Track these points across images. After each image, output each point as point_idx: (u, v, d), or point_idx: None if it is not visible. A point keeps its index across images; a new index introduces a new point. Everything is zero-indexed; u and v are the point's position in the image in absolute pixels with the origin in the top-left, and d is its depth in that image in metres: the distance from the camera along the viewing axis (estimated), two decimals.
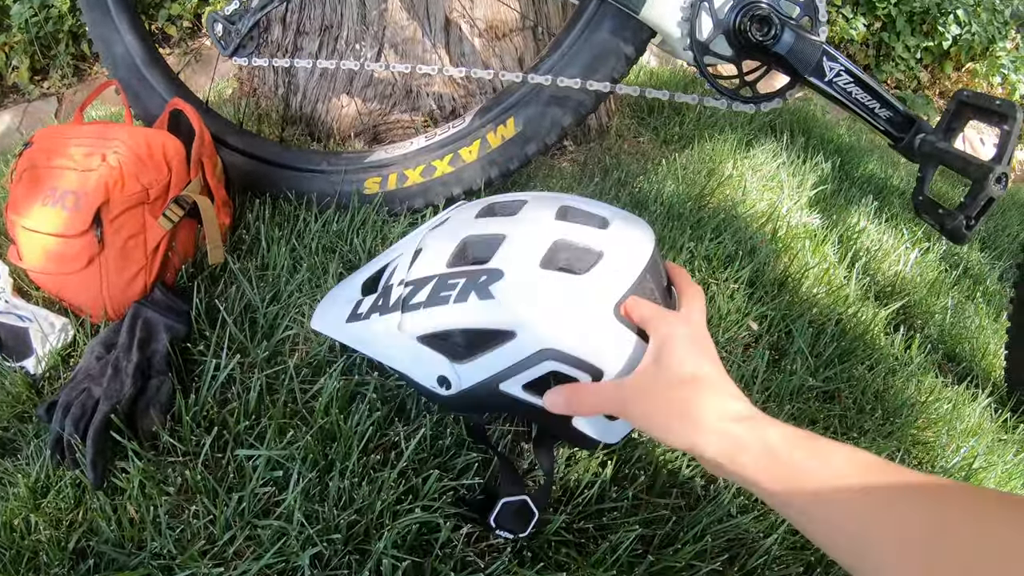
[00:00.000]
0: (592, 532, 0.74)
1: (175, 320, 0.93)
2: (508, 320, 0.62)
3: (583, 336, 0.62)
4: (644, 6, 0.94)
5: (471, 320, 0.64)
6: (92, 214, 0.94)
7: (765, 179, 1.48)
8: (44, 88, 3.17)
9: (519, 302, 0.62)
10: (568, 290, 0.61)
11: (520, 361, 0.63)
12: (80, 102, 1.92)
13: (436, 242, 0.70)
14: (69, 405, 0.81)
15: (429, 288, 0.66)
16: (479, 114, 1.04)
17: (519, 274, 0.63)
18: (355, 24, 1.31)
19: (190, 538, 0.71)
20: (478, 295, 0.63)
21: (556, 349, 0.62)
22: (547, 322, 0.61)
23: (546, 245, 0.64)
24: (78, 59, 3.19)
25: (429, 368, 0.68)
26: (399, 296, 0.68)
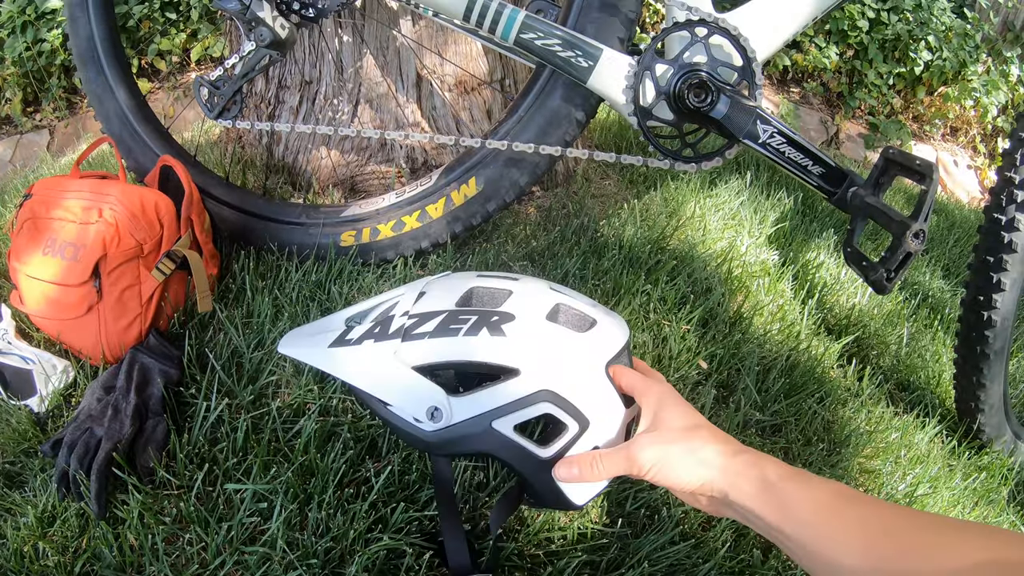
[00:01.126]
0: (542, 558, 0.81)
1: (168, 365, 1.00)
2: (515, 358, 0.67)
3: (578, 386, 0.67)
4: (591, 76, 1.02)
5: (479, 354, 0.67)
6: (92, 266, 1.02)
7: (726, 218, 1.55)
8: (36, 120, 3.24)
9: (528, 343, 0.67)
10: (570, 342, 0.68)
11: (519, 399, 0.66)
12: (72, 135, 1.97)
13: (441, 289, 0.74)
14: (74, 443, 0.88)
15: (437, 321, 0.69)
16: (444, 173, 1.12)
17: (529, 320, 0.68)
18: (333, 80, 1.39)
19: (184, 563, 0.79)
20: (490, 331, 0.67)
21: (555, 392, 0.66)
22: (551, 365, 0.67)
23: (549, 305, 0.70)
24: (70, 92, 3.27)
25: (420, 399, 0.69)
26: (401, 326, 0.70)
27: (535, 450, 0.69)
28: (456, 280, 0.76)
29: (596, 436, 0.69)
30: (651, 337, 1.13)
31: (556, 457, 0.68)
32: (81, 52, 1.27)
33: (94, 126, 3.18)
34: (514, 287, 0.73)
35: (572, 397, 0.67)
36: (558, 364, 0.67)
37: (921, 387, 1.40)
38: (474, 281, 0.74)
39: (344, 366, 0.72)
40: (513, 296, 0.71)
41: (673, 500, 0.91)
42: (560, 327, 0.69)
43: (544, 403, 0.67)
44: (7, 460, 0.95)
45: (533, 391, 0.66)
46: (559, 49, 1.00)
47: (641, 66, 1.01)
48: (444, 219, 1.12)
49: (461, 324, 0.69)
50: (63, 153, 2.94)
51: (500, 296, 0.71)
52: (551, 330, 0.68)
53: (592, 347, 0.69)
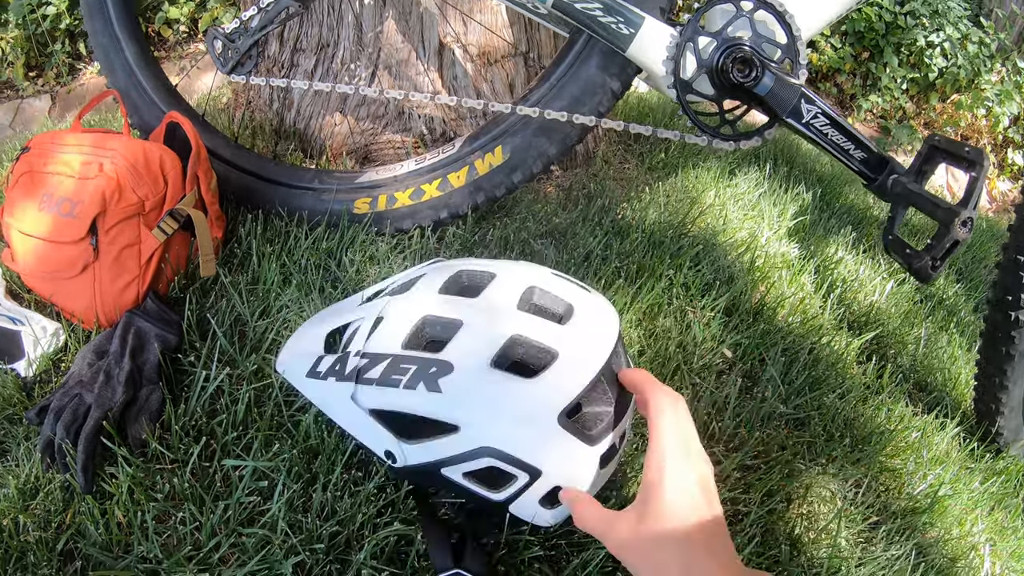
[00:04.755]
0: (564, 548, 0.77)
1: (167, 330, 0.95)
2: (451, 416, 0.66)
3: (523, 440, 0.65)
4: (631, 44, 0.97)
5: (418, 408, 0.67)
6: (89, 223, 0.96)
7: (746, 208, 1.51)
8: (38, 85, 3.18)
9: (464, 401, 0.65)
10: (514, 396, 0.64)
11: (461, 453, 0.66)
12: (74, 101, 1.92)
13: (397, 315, 0.72)
14: (61, 410, 0.82)
15: (383, 367, 0.69)
16: (468, 141, 1.07)
17: (468, 372, 0.65)
18: (351, 44, 1.34)
19: (176, 543, 0.73)
20: (426, 386, 0.66)
21: (496, 448, 0.65)
22: (488, 424, 0.65)
23: (501, 341, 0.66)
24: (74, 58, 3.21)
25: (378, 440, 0.72)
26: (354, 367, 0.71)
27: (487, 494, 0.69)
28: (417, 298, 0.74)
29: (553, 480, 0.67)
30: (674, 323, 1.09)
31: (510, 499, 0.68)
32: (88, 2, 1.21)
33: (96, 91, 3.12)
34: (468, 315, 0.69)
35: (516, 451, 0.65)
36: (498, 422, 0.65)
37: (939, 388, 1.37)
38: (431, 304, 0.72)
39: (319, 400, 0.76)
40: (462, 331, 0.68)
41: None
42: (503, 377, 0.65)
43: (486, 457, 0.65)
44: None
45: (473, 448, 0.65)
46: (600, 14, 0.95)
47: (683, 37, 0.97)
48: (466, 188, 1.07)
49: (401, 375, 0.68)
50: (64, 119, 2.87)
51: (450, 329, 0.69)
52: (492, 381, 0.65)
53: (541, 396, 0.65)
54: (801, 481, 0.97)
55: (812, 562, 0.88)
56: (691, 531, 0.55)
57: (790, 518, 0.92)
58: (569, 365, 0.65)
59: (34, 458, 0.81)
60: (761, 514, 0.88)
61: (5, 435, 0.87)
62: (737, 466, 0.92)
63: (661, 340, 1.04)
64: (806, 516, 0.94)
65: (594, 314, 0.71)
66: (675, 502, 0.56)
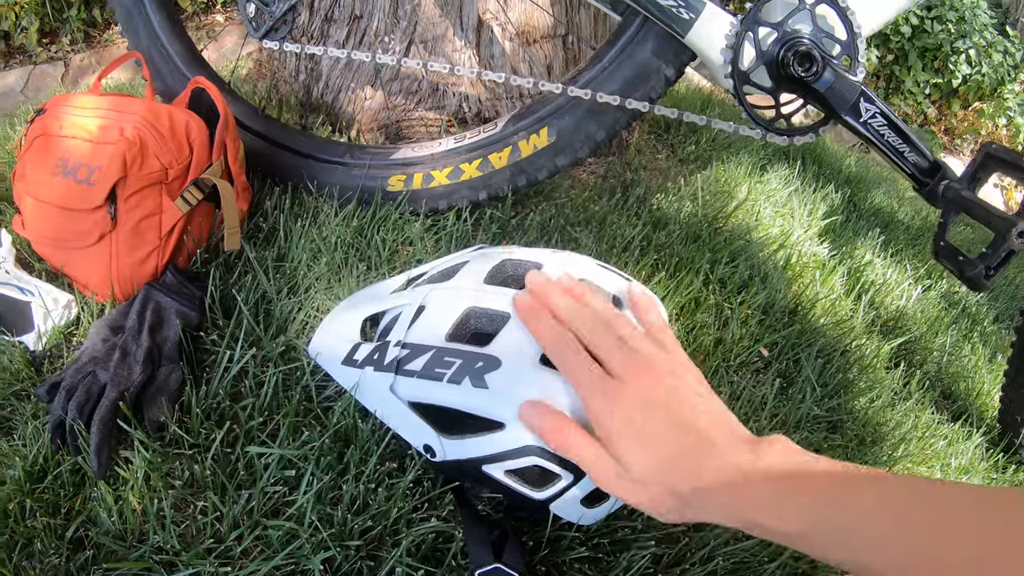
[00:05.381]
0: (607, 547, 0.75)
1: (187, 306, 0.90)
2: (497, 413, 0.64)
3: None
4: (690, 30, 0.94)
5: (462, 403, 0.65)
6: (108, 190, 0.91)
7: (777, 206, 1.49)
8: (51, 52, 3.12)
9: (511, 398, 0.63)
10: (562, 394, 0.62)
11: (505, 451, 0.64)
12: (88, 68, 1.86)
13: (440, 305, 0.70)
14: (73, 388, 0.78)
15: (425, 359, 0.67)
16: (512, 120, 1.04)
17: (516, 368, 0.63)
18: (386, 16, 1.30)
19: (195, 534, 0.70)
20: (472, 381, 0.64)
21: (542, 448, 0.63)
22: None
23: None
24: (88, 25, 3.15)
25: (417, 433, 0.69)
26: (394, 357, 0.69)
27: (529, 492, 0.67)
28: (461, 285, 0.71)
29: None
30: (711, 318, 1.07)
31: (551, 499, 0.67)
32: None
33: (111, 59, 3.05)
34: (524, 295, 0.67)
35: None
36: None
37: (963, 397, 1.36)
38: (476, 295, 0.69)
39: (355, 389, 0.74)
40: (509, 325, 0.65)
41: None
42: (551, 374, 0.63)
43: (532, 456, 0.63)
44: None
45: (518, 446, 0.63)
46: None
47: (744, 26, 0.94)
48: (508, 170, 1.04)
49: (445, 368, 0.65)
50: (78, 85, 2.82)
51: (496, 321, 0.67)
52: (541, 378, 0.63)
53: None
54: None
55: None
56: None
57: None
58: None
59: (43, 438, 0.76)
60: None
61: (12, 412, 0.82)
62: None
63: (700, 336, 1.02)
64: None
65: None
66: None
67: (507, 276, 0.73)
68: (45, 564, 0.68)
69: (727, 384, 0.98)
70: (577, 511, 0.68)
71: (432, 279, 0.77)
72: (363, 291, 0.89)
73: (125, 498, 0.71)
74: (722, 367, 0.99)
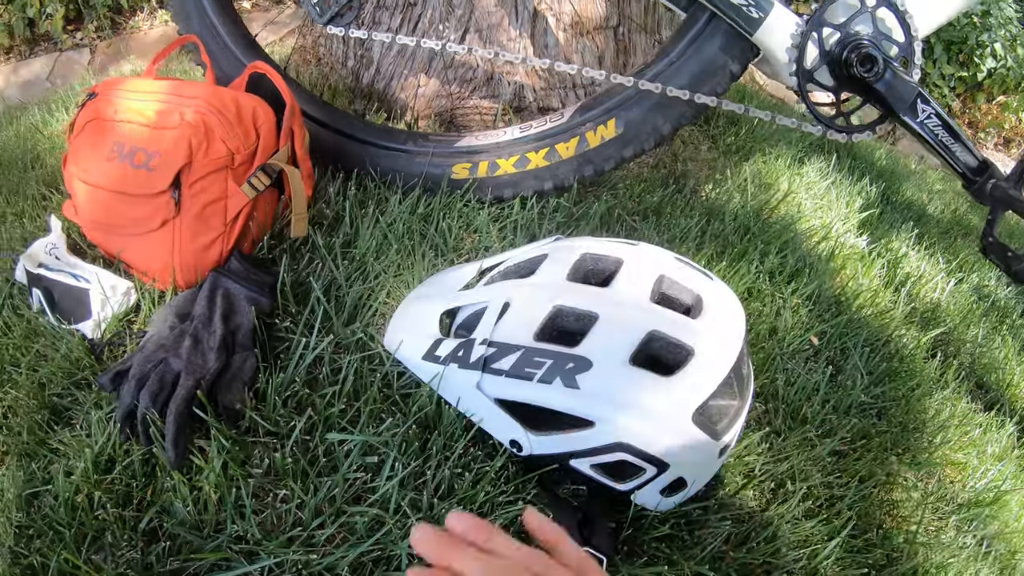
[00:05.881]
0: (683, 526, 0.78)
1: (257, 292, 0.89)
2: (589, 412, 0.67)
3: (658, 437, 0.66)
4: (759, 29, 0.97)
5: (553, 402, 0.68)
6: (172, 175, 0.90)
7: (816, 198, 1.52)
8: (77, 39, 3.12)
9: (602, 398, 0.66)
10: (652, 393, 0.65)
11: (593, 447, 0.68)
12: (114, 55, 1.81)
13: (525, 302, 0.72)
14: (144, 377, 0.77)
15: (514, 358, 0.69)
16: (579, 111, 1.07)
17: (607, 369, 0.66)
18: (441, 4, 1.32)
19: (276, 523, 0.70)
20: (563, 381, 0.67)
21: (630, 445, 0.66)
22: (626, 422, 0.66)
23: (638, 337, 0.67)
24: (114, 12, 3.15)
25: (504, 429, 0.72)
26: (480, 355, 0.71)
27: (613, 483, 0.71)
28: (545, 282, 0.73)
29: (678, 472, 0.69)
30: (765, 308, 1.10)
31: (634, 490, 0.71)
32: None
33: (137, 47, 3.04)
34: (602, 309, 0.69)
35: (649, 447, 0.66)
36: (635, 420, 0.66)
37: (995, 387, 1.39)
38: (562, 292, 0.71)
39: (436, 382, 0.76)
40: (598, 326, 0.68)
41: (798, 473, 0.89)
42: (641, 375, 0.66)
43: (619, 452, 0.67)
44: (54, 392, 0.83)
45: (607, 443, 0.67)
46: None
47: (809, 26, 0.97)
48: (574, 160, 1.07)
49: (535, 368, 0.68)
50: (105, 72, 2.81)
51: (584, 322, 0.69)
52: (631, 379, 0.66)
53: (679, 395, 0.66)
54: (884, 469, 0.99)
55: (894, 548, 0.90)
56: None
57: (878, 503, 0.95)
58: (704, 363, 0.67)
59: (108, 428, 0.75)
60: (856, 499, 0.90)
61: (72, 402, 0.82)
62: (830, 451, 0.94)
63: (756, 325, 1.05)
64: (887, 503, 0.97)
65: (724, 309, 0.72)
66: None
67: (588, 271, 0.76)
68: (119, 557, 0.68)
69: (782, 371, 1.02)
70: (656, 499, 0.73)
71: (510, 273, 0.80)
72: (432, 281, 0.91)
73: (201, 487, 0.71)
74: (777, 354, 1.03)
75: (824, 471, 0.92)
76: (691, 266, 0.77)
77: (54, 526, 0.70)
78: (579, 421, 0.67)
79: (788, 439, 0.93)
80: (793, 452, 0.91)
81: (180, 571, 0.68)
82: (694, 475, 0.72)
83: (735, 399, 0.72)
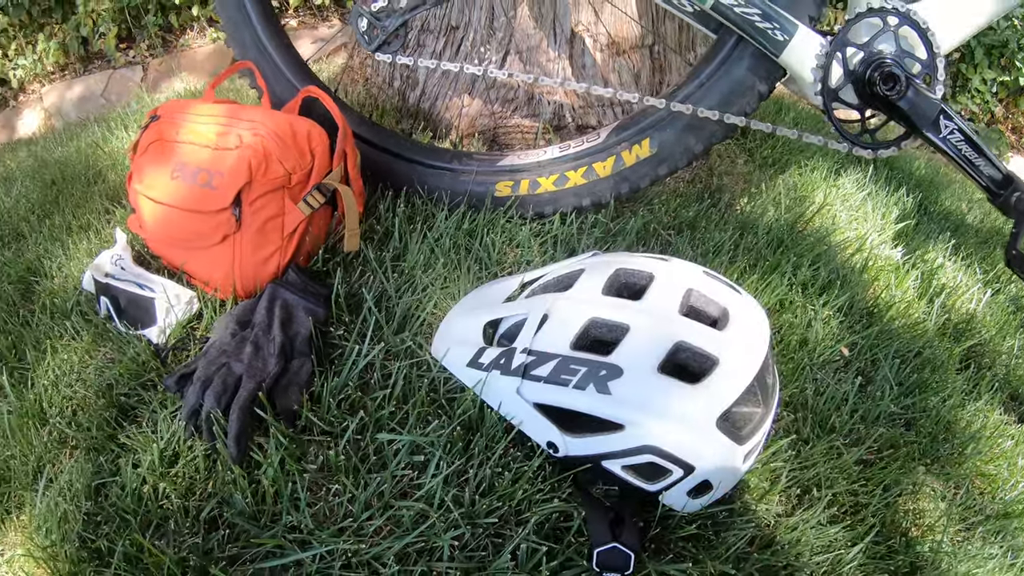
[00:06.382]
0: (709, 527, 0.82)
1: (313, 303, 0.95)
2: (619, 416, 0.72)
3: (684, 440, 0.72)
4: (785, 50, 1.01)
5: (586, 407, 0.74)
6: (233, 194, 0.96)
7: (852, 210, 1.54)
8: (129, 56, 3.23)
9: (632, 403, 0.72)
10: (679, 400, 0.71)
11: (624, 449, 0.73)
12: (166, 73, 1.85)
13: (563, 314, 0.78)
14: (208, 380, 0.83)
15: (551, 366, 0.75)
16: (615, 131, 1.12)
17: (636, 376, 0.72)
18: (483, 28, 1.38)
19: (328, 515, 0.76)
20: (596, 387, 0.73)
21: (658, 447, 0.72)
22: (654, 425, 0.71)
23: (666, 347, 0.72)
24: (165, 31, 3.26)
25: (541, 431, 0.78)
26: (521, 363, 0.77)
27: (642, 484, 0.76)
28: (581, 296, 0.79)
29: (703, 475, 0.74)
30: (796, 319, 1.14)
31: (662, 491, 0.75)
32: None
33: (188, 65, 3.14)
34: (634, 319, 0.74)
35: (676, 449, 0.72)
36: (663, 424, 0.71)
37: None
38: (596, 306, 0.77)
39: (479, 388, 0.82)
40: (629, 336, 0.73)
41: (824, 481, 0.93)
42: (668, 382, 0.71)
43: (648, 454, 0.72)
44: (121, 392, 0.90)
45: (636, 445, 0.72)
46: (758, 20, 1.00)
47: (833, 47, 1.00)
48: (612, 179, 1.12)
49: (571, 375, 0.74)
50: (158, 89, 2.94)
51: (616, 332, 0.75)
52: (659, 386, 0.71)
53: (704, 401, 0.71)
54: (910, 479, 1.02)
55: (918, 556, 0.93)
56: None
57: (903, 512, 0.98)
58: (728, 372, 0.72)
59: (172, 426, 0.82)
60: (880, 507, 0.93)
61: (138, 401, 0.89)
62: (856, 460, 0.97)
63: (787, 336, 1.09)
64: (913, 512, 0.99)
65: (749, 321, 0.77)
66: None
67: (621, 285, 0.81)
68: (180, 543, 0.74)
69: (811, 381, 1.05)
70: (683, 500, 0.77)
71: (549, 286, 0.85)
72: (476, 294, 0.97)
73: (259, 481, 0.78)
74: (807, 365, 1.06)
75: (850, 479, 0.95)
76: (720, 280, 0.81)
77: (120, 513, 0.76)
78: (610, 424, 0.73)
79: (815, 447, 0.96)
80: (820, 460, 0.94)
81: (237, 557, 0.74)
82: (719, 478, 0.76)
83: (759, 406, 0.76)
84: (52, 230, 1.34)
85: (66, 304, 1.10)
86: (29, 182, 1.66)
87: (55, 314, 1.08)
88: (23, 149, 2.21)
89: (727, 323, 0.76)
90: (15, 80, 3.23)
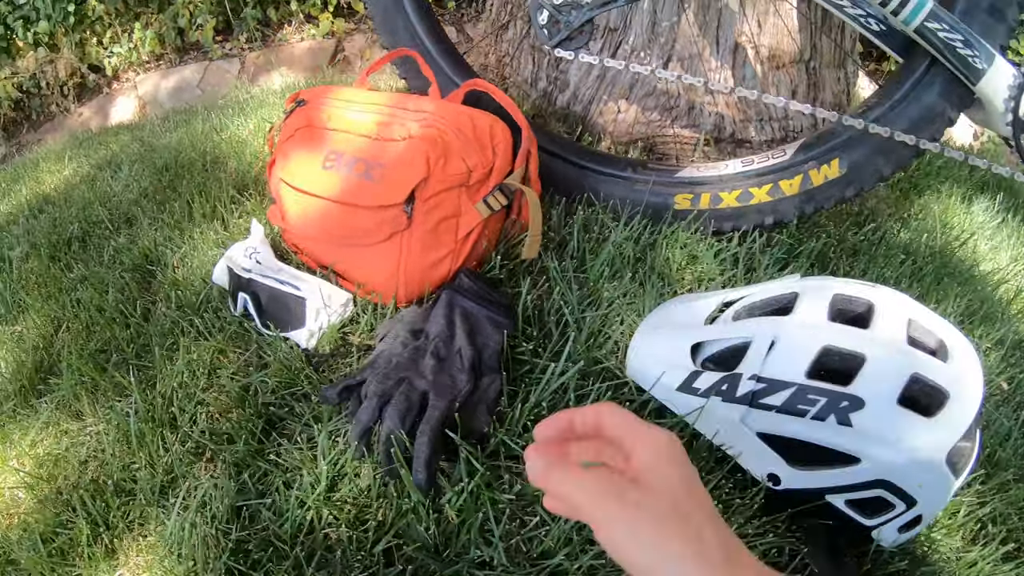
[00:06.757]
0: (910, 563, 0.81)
1: (496, 313, 0.88)
2: (858, 449, 0.72)
3: (916, 475, 0.72)
4: (983, 79, 1.02)
5: (823, 438, 0.73)
6: (408, 189, 0.89)
7: (987, 238, 1.54)
8: (226, 49, 3.25)
9: (873, 436, 0.71)
10: (915, 433, 0.70)
11: (854, 484, 0.73)
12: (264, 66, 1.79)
13: (793, 341, 0.76)
14: (387, 395, 0.75)
15: (786, 395, 0.74)
16: (802, 149, 1.13)
17: (878, 408, 0.71)
18: (644, 32, 1.38)
19: (521, 549, 0.69)
20: (837, 419, 0.72)
21: (891, 482, 0.72)
22: (892, 459, 0.71)
23: (903, 379, 0.72)
24: (263, 24, 3.27)
25: (762, 462, 0.77)
26: (748, 390, 0.75)
27: (862, 519, 0.76)
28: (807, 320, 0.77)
29: (920, 509, 0.74)
30: None
31: (879, 525, 0.75)
32: None
33: (286, 58, 3.15)
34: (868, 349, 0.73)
35: (905, 484, 0.72)
36: (900, 457, 0.71)
37: None
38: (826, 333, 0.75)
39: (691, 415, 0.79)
40: (867, 367, 0.72)
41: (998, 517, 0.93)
42: (908, 415, 0.71)
43: (879, 488, 0.72)
44: (267, 400, 0.81)
45: (870, 479, 0.72)
46: (959, 46, 1.00)
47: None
48: (797, 198, 1.13)
49: (809, 405, 0.72)
50: (256, 82, 2.95)
51: (852, 363, 0.73)
52: (899, 418, 0.71)
53: (938, 435, 0.71)
54: None
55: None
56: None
57: None
58: (959, 407, 0.72)
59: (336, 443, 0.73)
60: None
61: (288, 412, 0.80)
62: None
63: None
64: None
65: (968, 353, 0.77)
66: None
67: (838, 311, 0.80)
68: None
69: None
70: (893, 536, 0.78)
71: (758, 309, 0.85)
72: (662, 311, 0.94)
73: (441, 510, 0.70)
74: None
75: (1021, 515, 0.96)
76: (927, 310, 0.81)
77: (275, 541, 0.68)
78: (846, 457, 0.73)
79: (987, 483, 0.95)
80: (993, 495, 0.94)
81: None
82: (931, 513, 0.77)
83: (970, 440, 0.78)
84: (171, 216, 1.29)
85: (192, 298, 1.02)
86: (138, 166, 1.61)
87: (180, 307, 1.01)
88: (126, 133, 2.17)
89: (947, 355, 0.76)
90: (110, 68, 3.26)
